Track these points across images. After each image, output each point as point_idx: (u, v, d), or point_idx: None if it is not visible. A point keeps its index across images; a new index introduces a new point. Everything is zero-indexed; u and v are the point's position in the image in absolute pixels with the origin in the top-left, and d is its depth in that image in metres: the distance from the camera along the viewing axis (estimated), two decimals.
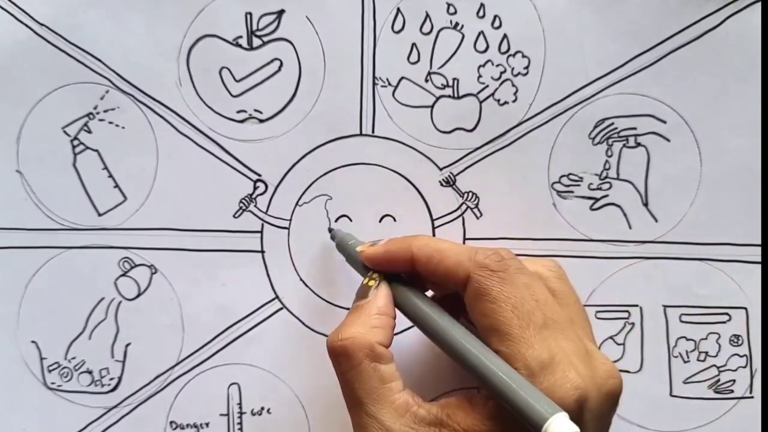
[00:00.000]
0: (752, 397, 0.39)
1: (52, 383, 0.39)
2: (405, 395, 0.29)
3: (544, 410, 0.25)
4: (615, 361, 0.39)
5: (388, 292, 0.32)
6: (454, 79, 0.38)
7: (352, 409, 0.30)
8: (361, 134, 0.39)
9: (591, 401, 0.27)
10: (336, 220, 0.39)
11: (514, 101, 0.38)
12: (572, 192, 0.39)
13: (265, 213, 0.39)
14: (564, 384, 0.27)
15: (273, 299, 0.39)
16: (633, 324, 0.39)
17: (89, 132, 0.39)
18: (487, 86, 0.38)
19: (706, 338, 0.39)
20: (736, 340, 0.39)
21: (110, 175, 0.39)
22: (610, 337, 0.39)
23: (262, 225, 0.39)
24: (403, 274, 0.32)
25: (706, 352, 0.39)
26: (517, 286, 0.29)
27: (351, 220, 0.39)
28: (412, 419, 0.28)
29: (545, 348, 0.27)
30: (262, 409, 0.39)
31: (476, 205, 0.39)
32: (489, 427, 0.27)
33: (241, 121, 0.39)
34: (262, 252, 0.39)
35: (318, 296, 0.39)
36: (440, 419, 0.28)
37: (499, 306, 0.28)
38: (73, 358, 0.39)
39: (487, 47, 0.38)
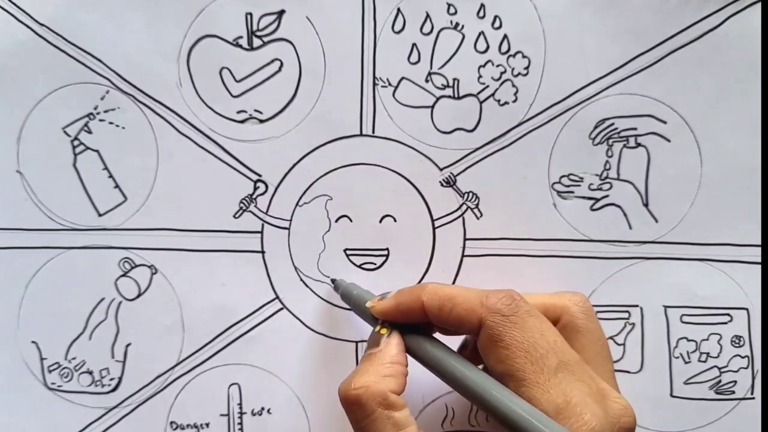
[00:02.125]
0: (753, 398, 0.39)
1: (53, 383, 0.39)
2: None
3: None
4: (615, 361, 0.39)
5: (400, 340, 0.32)
6: (454, 79, 0.38)
7: None
8: (361, 134, 0.39)
9: None
10: (336, 221, 0.39)
11: (515, 101, 0.38)
12: (572, 192, 0.39)
13: (266, 213, 0.39)
14: (580, 427, 0.27)
15: (273, 299, 0.39)
16: (633, 324, 0.39)
17: (89, 132, 0.39)
18: (488, 86, 0.38)
19: (707, 339, 0.39)
20: (737, 341, 0.39)
21: (110, 176, 0.39)
22: (611, 338, 0.39)
23: (263, 225, 0.39)
24: (415, 323, 0.32)
25: (708, 353, 0.39)
26: (530, 330, 0.29)
27: (351, 221, 0.39)
28: None
29: (560, 392, 0.28)
30: (263, 409, 0.39)
31: (476, 206, 0.39)
32: None
33: (242, 122, 0.39)
34: (263, 252, 0.39)
35: (318, 296, 0.39)
36: None
37: (512, 352, 0.28)
38: (74, 358, 0.39)
39: (488, 47, 0.38)
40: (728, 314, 0.39)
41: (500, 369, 0.29)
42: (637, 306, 0.39)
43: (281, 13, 0.38)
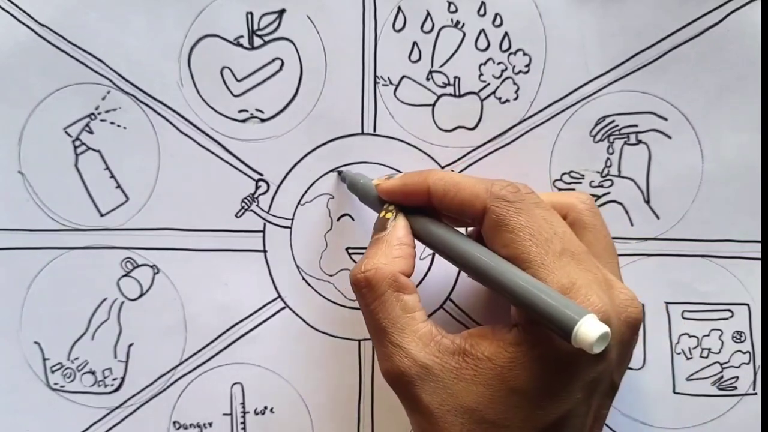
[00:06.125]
0: (755, 394, 0.39)
1: (55, 384, 0.39)
2: (428, 325, 0.30)
3: (575, 313, 0.25)
4: None
5: (406, 222, 0.32)
6: (455, 77, 0.38)
7: (376, 339, 0.30)
8: (362, 133, 0.39)
9: (612, 327, 0.27)
10: (338, 220, 0.39)
11: (516, 99, 0.38)
12: (574, 189, 0.39)
13: (267, 212, 0.39)
14: (586, 308, 0.27)
15: (275, 298, 0.39)
16: None
17: (91, 132, 0.39)
18: (489, 84, 0.38)
19: (708, 335, 0.39)
20: (739, 337, 0.39)
21: (112, 176, 0.39)
22: None
23: (264, 224, 0.39)
24: (418, 206, 0.32)
25: (709, 349, 0.39)
26: (534, 216, 0.29)
27: (353, 219, 0.39)
28: (436, 348, 0.29)
29: (564, 274, 0.28)
30: (266, 408, 0.39)
31: None
32: (512, 353, 0.28)
33: (243, 121, 0.39)
34: (265, 251, 0.39)
35: (320, 295, 0.39)
36: (464, 348, 0.29)
37: (517, 235, 0.29)
38: (76, 358, 0.39)
39: (488, 45, 0.38)
40: (729, 310, 0.39)
41: (504, 253, 0.29)
42: None
43: (282, 12, 0.38)
